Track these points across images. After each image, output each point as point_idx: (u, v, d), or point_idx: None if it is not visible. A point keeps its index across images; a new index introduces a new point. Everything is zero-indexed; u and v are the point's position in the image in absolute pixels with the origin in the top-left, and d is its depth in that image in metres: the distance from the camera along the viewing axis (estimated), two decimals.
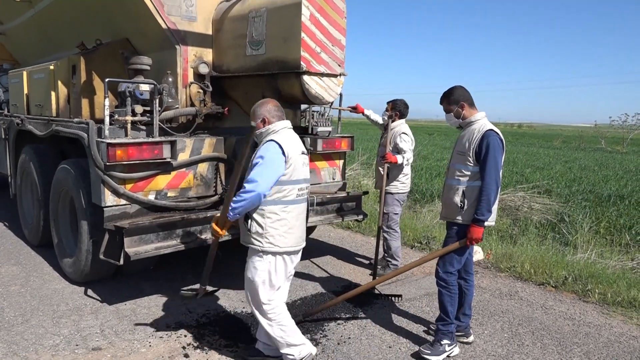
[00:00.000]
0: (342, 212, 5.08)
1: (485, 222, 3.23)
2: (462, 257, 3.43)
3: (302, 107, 4.80)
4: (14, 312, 3.93)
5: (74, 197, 4.30)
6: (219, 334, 3.65)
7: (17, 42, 7.62)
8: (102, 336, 3.57)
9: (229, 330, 3.73)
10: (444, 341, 3.41)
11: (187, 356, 3.33)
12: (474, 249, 4.79)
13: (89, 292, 4.36)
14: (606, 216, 8.17)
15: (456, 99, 3.42)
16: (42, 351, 3.34)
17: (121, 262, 3.66)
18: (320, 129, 5.01)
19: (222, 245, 4.11)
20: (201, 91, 4.50)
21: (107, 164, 3.69)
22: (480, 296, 4.57)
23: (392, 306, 4.31)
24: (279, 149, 2.88)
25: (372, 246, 5.60)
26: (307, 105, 4.68)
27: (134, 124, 3.96)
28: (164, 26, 4.31)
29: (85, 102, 4.80)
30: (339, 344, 3.58)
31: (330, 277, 5.03)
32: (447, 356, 3.41)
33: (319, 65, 3.93)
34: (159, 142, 3.88)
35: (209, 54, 4.61)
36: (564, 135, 54.05)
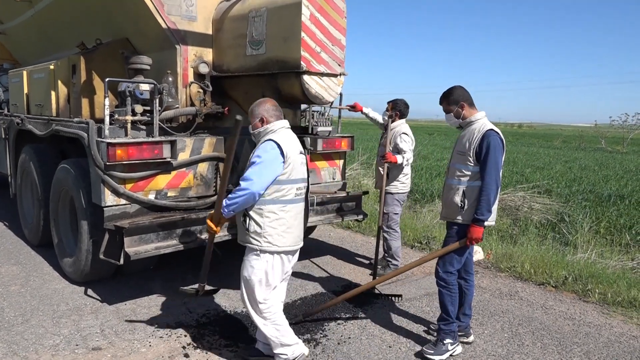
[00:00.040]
0: (342, 212, 5.08)
1: (485, 222, 3.23)
2: (462, 257, 3.43)
3: (302, 106, 4.80)
4: (14, 312, 3.93)
5: (74, 196, 4.30)
6: (219, 334, 3.65)
7: (17, 42, 7.62)
8: (102, 336, 3.57)
9: (229, 330, 3.73)
10: (447, 340, 3.41)
11: (187, 356, 3.33)
12: (474, 249, 4.79)
13: (89, 291, 4.36)
14: (606, 216, 8.17)
15: (456, 99, 3.41)
16: (42, 351, 3.34)
17: (121, 261, 3.66)
18: (320, 128, 5.02)
19: (222, 245, 4.11)
20: (201, 91, 4.50)
21: (107, 163, 3.69)
22: (480, 296, 4.57)
23: (392, 306, 4.31)
24: (277, 148, 2.87)
25: (372, 246, 5.60)
26: (307, 105, 4.68)
27: (134, 123, 3.96)
28: (164, 26, 4.31)
29: (85, 102, 4.80)
30: (339, 343, 3.58)
31: (330, 277, 5.03)
32: (450, 355, 3.42)
33: (319, 64, 3.93)
34: (159, 142, 3.88)
35: (209, 54, 4.61)
36: (564, 135, 54.06)
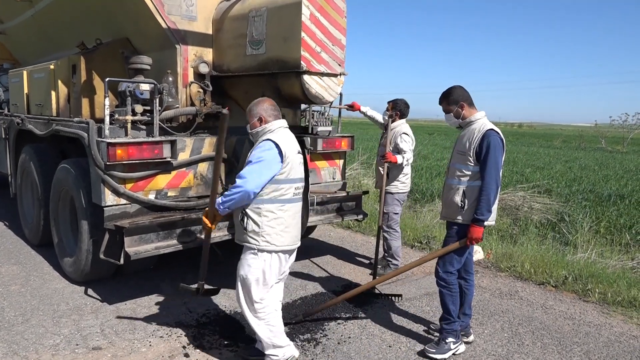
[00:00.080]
0: (342, 212, 5.08)
1: (485, 221, 3.23)
2: (462, 256, 3.43)
3: (302, 106, 4.80)
4: (14, 311, 3.93)
5: (74, 196, 4.30)
6: (219, 334, 3.65)
7: (17, 42, 7.62)
8: (102, 335, 3.57)
9: (229, 329, 3.73)
10: (449, 339, 3.42)
11: (187, 355, 3.33)
12: (474, 249, 4.79)
13: (89, 291, 4.36)
14: (606, 216, 8.17)
15: (455, 99, 3.41)
16: (43, 351, 3.34)
17: (121, 261, 3.66)
18: (320, 128, 5.02)
19: (222, 245, 4.11)
20: (201, 91, 4.50)
21: (107, 163, 3.69)
22: (480, 296, 4.57)
23: (392, 306, 4.31)
24: (275, 148, 2.87)
25: (372, 246, 5.60)
26: (307, 104, 4.68)
27: (134, 123, 3.97)
28: (164, 26, 4.31)
29: (85, 102, 4.80)
30: (339, 343, 3.59)
31: (330, 276, 5.03)
32: (453, 354, 3.42)
33: (319, 64, 3.93)
34: (159, 142, 3.88)
35: (209, 54, 4.61)
36: (564, 134, 54.08)
